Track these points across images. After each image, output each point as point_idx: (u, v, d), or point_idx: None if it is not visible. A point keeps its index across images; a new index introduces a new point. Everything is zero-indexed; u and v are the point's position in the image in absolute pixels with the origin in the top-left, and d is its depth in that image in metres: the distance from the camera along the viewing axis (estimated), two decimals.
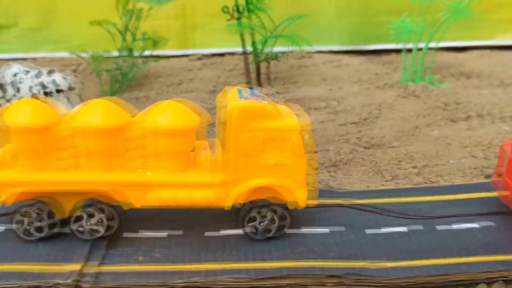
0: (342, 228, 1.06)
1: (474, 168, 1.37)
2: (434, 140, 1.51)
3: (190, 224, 1.08)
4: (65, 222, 1.03)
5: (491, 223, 1.07)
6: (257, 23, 1.78)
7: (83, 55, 1.86)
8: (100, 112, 0.99)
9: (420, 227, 1.07)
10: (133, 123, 1.01)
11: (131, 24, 1.86)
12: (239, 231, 1.05)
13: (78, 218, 1.01)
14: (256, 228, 1.03)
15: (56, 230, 1.02)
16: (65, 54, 2.09)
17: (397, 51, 2.10)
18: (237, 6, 1.76)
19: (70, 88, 1.50)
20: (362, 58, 2.14)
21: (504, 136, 1.52)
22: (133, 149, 1.02)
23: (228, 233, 1.05)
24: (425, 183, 1.31)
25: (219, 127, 1.03)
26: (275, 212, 1.03)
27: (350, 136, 1.52)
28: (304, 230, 1.06)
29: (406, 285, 0.93)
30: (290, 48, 1.79)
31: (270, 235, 1.03)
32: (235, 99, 1.01)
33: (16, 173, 1.00)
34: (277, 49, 1.86)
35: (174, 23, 2.21)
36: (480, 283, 0.93)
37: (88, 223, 1.01)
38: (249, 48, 1.82)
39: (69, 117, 1.01)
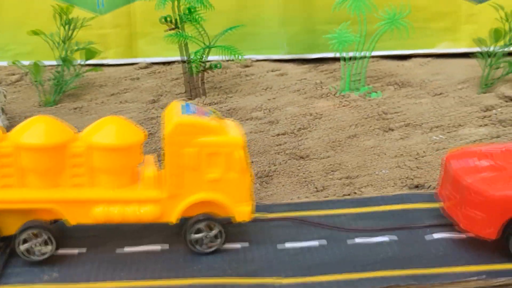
0: (256, 243, 1.07)
1: (404, 178, 1.39)
2: (367, 149, 1.53)
3: (106, 240, 1.08)
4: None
5: (404, 236, 1.09)
6: (196, 33, 1.79)
7: (25, 63, 1.85)
8: (43, 128, 0.99)
9: (337, 240, 1.08)
10: (77, 139, 1.02)
11: (74, 34, 1.85)
12: (155, 247, 1.05)
13: (25, 240, 1.00)
14: (201, 242, 1.04)
15: None
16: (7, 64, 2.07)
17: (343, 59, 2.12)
18: (179, 15, 1.77)
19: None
20: (308, 66, 2.16)
21: (437, 145, 1.55)
22: (78, 165, 1.02)
23: (143, 249, 1.05)
24: (354, 193, 1.33)
25: (163, 142, 1.04)
26: (221, 226, 1.05)
27: (286, 146, 1.54)
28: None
29: None
30: (233, 57, 1.81)
31: (213, 249, 1.05)
32: (180, 114, 1.02)
33: None
34: (218, 58, 1.86)
35: (122, 32, 2.20)
36: None
37: (37, 244, 1.00)
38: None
39: (14, 133, 1.01)
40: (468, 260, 1.02)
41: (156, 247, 1.05)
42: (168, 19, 1.76)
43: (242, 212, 1.05)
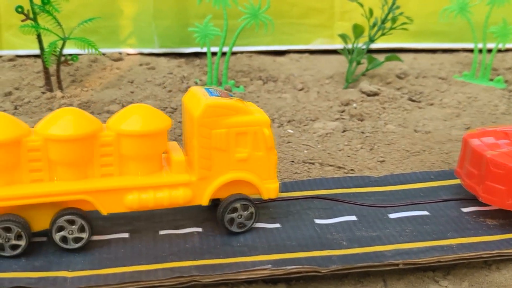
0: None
1: None
2: None
3: None
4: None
5: (209, 227, 1.09)
6: (55, 24, 1.73)
7: None
8: (71, 120, 0.97)
9: (146, 231, 1.07)
10: (105, 128, 1.01)
11: None
12: None
13: (60, 228, 0.99)
14: (238, 222, 1.05)
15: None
16: None
17: (214, 53, 2.11)
18: (32, 6, 1.71)
19: None
20: (181, 61, 2.14)
21: (287, 139, 1.55)
22: (107, 154, 1.01)
23: None
24: None
25: (189, 126, 1.04)
26: (253, 204, 1.06)
27: None
28: None
29: None
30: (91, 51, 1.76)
31: (247, 227, 1.07)
32: (205, 97, 1.02)
33: None
34: (75, 51, 1.81)
35: None
36: None
37: (71, 232, 0.99)
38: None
39: (40, 127, 0.97)
40: (265, 249, 1.01)
41: None
42: (20, 10, 1.69)
43: (270, 189, 1.06)
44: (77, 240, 1.00)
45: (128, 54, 2.14)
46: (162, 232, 1.07)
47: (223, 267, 0.96)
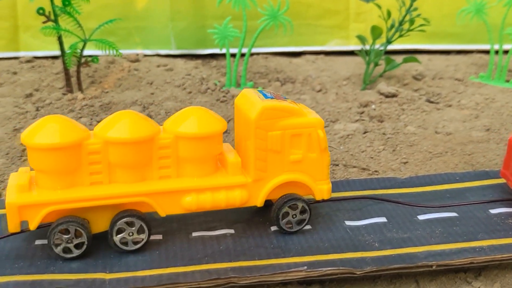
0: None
1: None
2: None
3: None
4: None
5: (240, 229, 1.10)
6: (76, 26, 1.74)
7: None
8: (129, 123, 0.98)
9: (180, 233, 1.07)
10: (162, 131, 1.03)
11: None
12: None
13: (120, 230, 1.00)
14: (288, 220, 1.07)
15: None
16: None
17: (232, 55, 2.11)
18: (53, 8, 1.72)
19: None
20: (198, 62, 2.15)
21: None
22: (165, 156, 1.02)
23: None
24: None
25: (244, 128, 1.05)
26: (309, 212, 1.07)
27: None
28: None
29: None
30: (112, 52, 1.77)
31: (292, 230, 1.08)
32: (261, 100, 1.03)
33: (52, 192, 0.97)
34: (96, 52, 1.82)
35: (4, 24, 2.12)
36: None
37: (131, 234, 1.00)
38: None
39: (99, 130, 0.99)
40: (298, 251, 1.02)
41: None
42: (41, 11, 1.70)
43: (323, 190, 1.08)
44: (136, 241, 1.01)
45: (145, 55, 2.15)
46: (195, 234, 1.07)
47: (259, 269, 0.97)
